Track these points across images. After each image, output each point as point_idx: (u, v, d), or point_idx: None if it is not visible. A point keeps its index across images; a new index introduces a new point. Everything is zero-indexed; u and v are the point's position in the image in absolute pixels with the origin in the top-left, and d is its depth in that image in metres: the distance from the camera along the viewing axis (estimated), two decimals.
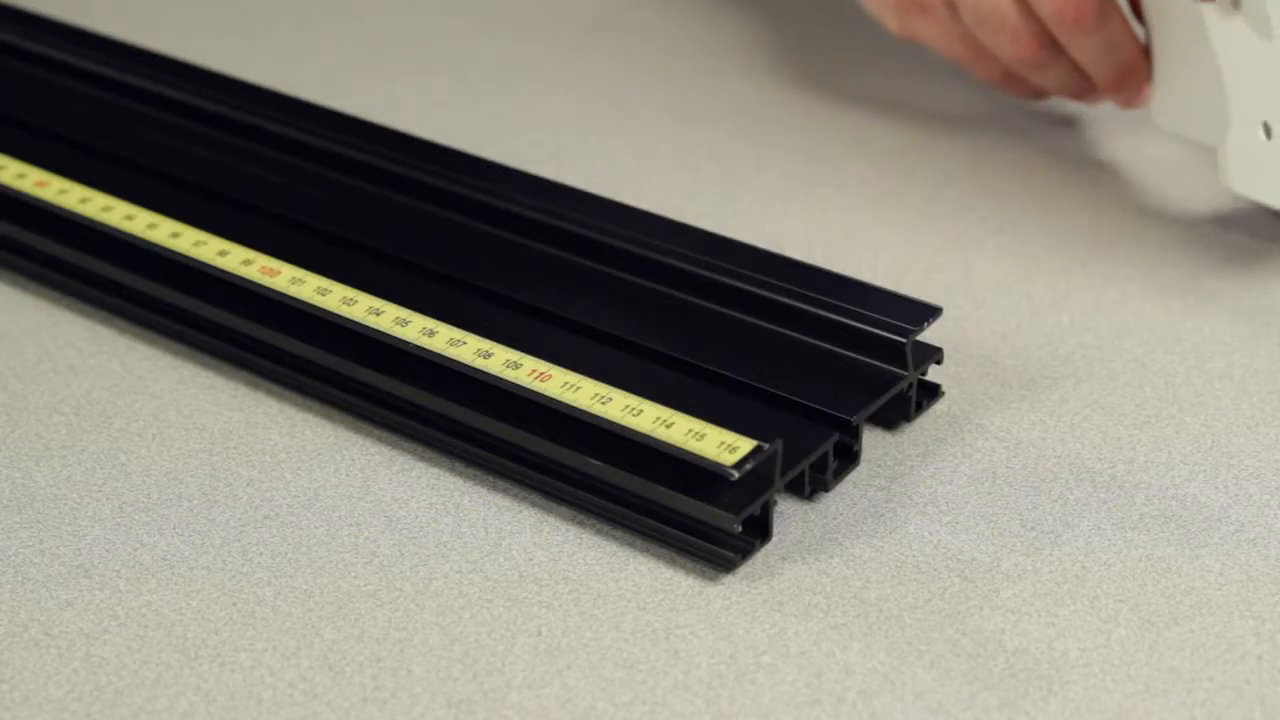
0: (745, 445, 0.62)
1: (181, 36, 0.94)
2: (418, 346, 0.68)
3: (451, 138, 0.80)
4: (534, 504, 0.66)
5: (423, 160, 0.77)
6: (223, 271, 0.72)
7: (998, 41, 0.78)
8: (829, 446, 0.64)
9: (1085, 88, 0.81)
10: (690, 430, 0.63)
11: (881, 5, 0.83)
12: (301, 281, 0.71)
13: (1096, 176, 0.82)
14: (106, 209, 0.75)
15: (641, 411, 0.64)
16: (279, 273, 0.71)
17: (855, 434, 0.66)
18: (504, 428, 0.66)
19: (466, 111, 0.89)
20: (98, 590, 0.63)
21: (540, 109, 0.89)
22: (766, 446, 0.62)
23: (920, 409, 0.68)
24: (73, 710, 0.59)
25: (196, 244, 0.73)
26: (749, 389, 0.66)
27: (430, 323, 0.68)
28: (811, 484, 0.65)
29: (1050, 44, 0.78)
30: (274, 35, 0.96)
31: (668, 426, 0.63)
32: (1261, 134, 0.73)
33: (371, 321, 0.69)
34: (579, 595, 0.62)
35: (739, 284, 0.69)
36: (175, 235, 0.74)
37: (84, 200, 0.76)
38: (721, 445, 0.62)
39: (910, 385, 0.67)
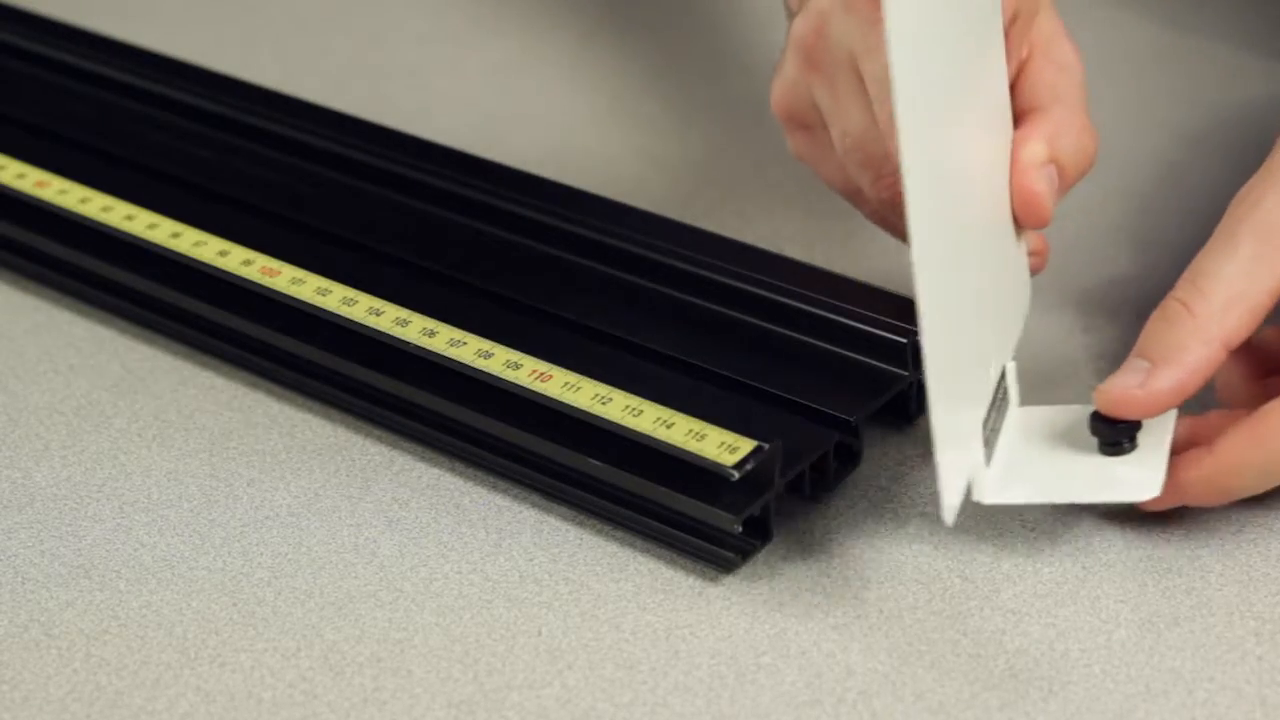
0: (745, 445, 0.62)
1: (181, 36, 0.94)
2: (418, 347, 0.68)
3: (451, 138, 0.80)
4: (534, 504, 0.66)
5: (423, 160, 0.77)
6: (223, 271, 0.72)
7: (863, 177, 0.67)
8: (829, 446, 0.64)
9: None
10: (690, 430, 0.63)
11: (777, 116, 0.71)
12: (301, 281, 0.71)
13: (1097, 176, 0.82)
14: (106, 209, 0.75)
15: (642, 412, 0.64)
16: (279, 273, 0.71)
17: (856, 434, 0.65)
18: (504, 428, 0.66)
19: (466, 111, 0.89)
20: (98, 590, 0.63)
21: (540, 109, 0.89)
22: (767, 447, 0.62)
23: (921, 409, 0.68)
24: (73, 710, 0.59)
25: (196, 244, 0.73)
26: (749, 389, 0.66)
27: (430, 323, 0.68)
28: (812, 484, 0.65)
29: None
30: (274, 35, 0.96)
31: (668, 427, 0.63)
32: None
33: (371, 321, 0.69)
34: (579, 595, 0.62)
35: (739, 284, 0.69)
36: (175, 235, 0.74)
37: (84, 200, 0.76)
38: (722, 445, 0.62)
39: (910, 385, 0.67)
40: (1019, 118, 0.65)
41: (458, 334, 0.68)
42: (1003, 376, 0.64)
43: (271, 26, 0.97)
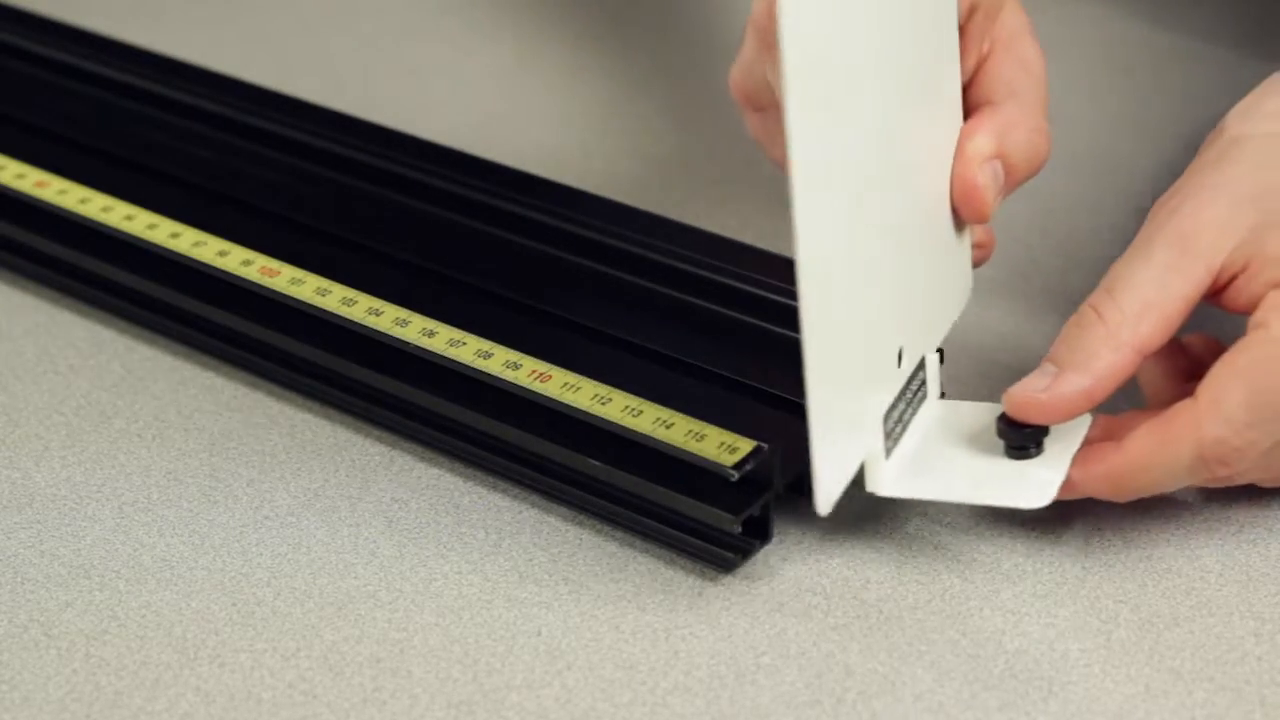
0: (745, 445, 0.62)
1: (181, 36, 0.94)
2: (418, 347, 0.68)
3: (451, 138, 0.80)
4: (534, 504, 0.66)
5: (423, 160, 0.77)
6: (223, 271, 0.72)
7: None
8: None
9: None
10: (690, 430, 0.63)
11: (734, 96, 0.70)
12: (301, 281, 0.71)
13: (1096, 175, 0.82)
14: (106, 209, 0.75)
15: (641, 412, 0.64)
16: (279, 273, 0.71)
17: None
18: (504, 428, 0.66)
19: (466, 111, 0.89)
20: (98, 590, 0.63)
21: (539, 109, 0.89)
22: (766, 447, 0.62)
23: None
24: (73, 710, 0.59)
25: (196, 244, 0.73)
26: (749, 389, 0.66)
27: (430, 323, 0.68)
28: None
29: None
30: (274, 35, 0.96)
31: (668, 427, 0.63)
32: None
33: (371, 322, 0.69)
34: (579, 595, 0.62)
35: (739, 284, 0.69)
36: (175, 235, 0.74)
37: (84, 200, 0.76)
38: (721, 445, 0.62)
39: None
40: (972, 111, 0.65)
41: (457, 334, 0.68)
42: (920, 367, 0.63)
43: (271, 26, 0.97)
